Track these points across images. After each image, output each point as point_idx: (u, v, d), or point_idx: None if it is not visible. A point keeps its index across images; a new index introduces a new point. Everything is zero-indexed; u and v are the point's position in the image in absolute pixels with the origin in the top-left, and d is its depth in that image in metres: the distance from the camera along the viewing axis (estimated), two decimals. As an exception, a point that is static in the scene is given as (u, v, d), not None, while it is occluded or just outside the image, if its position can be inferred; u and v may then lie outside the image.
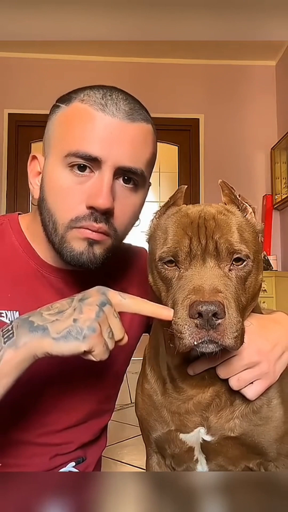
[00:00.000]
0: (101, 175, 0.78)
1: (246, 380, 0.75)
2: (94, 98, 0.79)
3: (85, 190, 0.79)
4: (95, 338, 0.65)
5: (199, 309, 0.61)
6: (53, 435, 0.92)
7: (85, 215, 0.79)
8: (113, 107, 0.78)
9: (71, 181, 0.79)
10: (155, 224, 0.79)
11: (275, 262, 4.41)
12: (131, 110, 0.80)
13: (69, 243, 0.80)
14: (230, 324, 0.63)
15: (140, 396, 0.87)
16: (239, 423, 0.77)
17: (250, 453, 0.79)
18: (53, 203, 0.81)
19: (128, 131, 0.79)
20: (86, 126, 0.78)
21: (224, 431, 0.77)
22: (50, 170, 0.82)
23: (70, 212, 0.79)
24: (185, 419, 0.79)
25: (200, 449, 0.80)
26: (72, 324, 0.65)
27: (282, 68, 4.68)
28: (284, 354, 0.78)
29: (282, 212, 4.59)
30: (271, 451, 0.78)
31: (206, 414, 0.78)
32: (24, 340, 0.65)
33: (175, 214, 0.75)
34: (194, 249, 0.68)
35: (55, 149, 0.81)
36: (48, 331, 0.65)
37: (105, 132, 0.77)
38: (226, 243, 0.68)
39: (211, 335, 0.62)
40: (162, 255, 0.71)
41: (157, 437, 0.83)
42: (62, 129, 0.81)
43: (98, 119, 0.78)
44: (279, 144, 4.53)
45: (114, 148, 0.77)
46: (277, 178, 4.55)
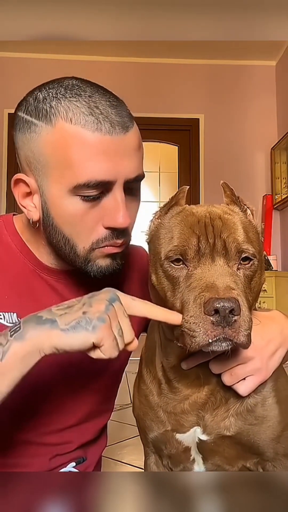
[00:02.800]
0: (113, 195, 0.77)
1: (239, 376, 0.75)
2: (82, 116, 0.73)
3: (99, 211, 0.77)
4: (105, 329, 0.63)
5: (215, 306, 0.61)
6: (53, 435, 0.92)
7: (106, 235, 0.78)
8: (108, 124, 0.74)
9: (83, 207, 0.76)
10: (157, 224, 0.79)
11: (275, 262, 4.42)
12: (122, 118, 0.76)
13: (95, 261, 0.81)
14: (243, 321, 0.63)
15: (137, 396, 0.88)
16: (234, 422, 0.77)
17: (247, 452, 0.79)
18: (68, 229, 0.79)
19: (126, 142, 0.76)
20: (87, 152, 0.73)
21: (220, 429, 0.77)
22: (55, 198, 0.77)
23: (89, 236, 0.78)
24: (181, 419, 0.79)
25: (197, 449, 0.81)
26: (81, 315, 0.64)
27: (282, 68, 4.68)
28: (277, 351, 0.79)
29: (282, 212, 4.59)
30: (268, 451, 0.78)
31: (202, 413, 0.78)
32: (31, 332, 0.64)
33: (180, 213, 0.75)
34: (202, 247, 0.68)
35: (55, 178, 0.76)
36: (56, 323, 0.64)
37: (109, 153, 0.74)
38: (235, 242, 0.69)
39: (226, 332, 0.62)
40: (169, 253, 0.70)
41: (154, 437, 0.84)
42: (58, 156, 0.75)
43: (97, 141, 0.73)
44: (279, 144, 4.53)
45: (120, 166, 0.75)
46: (277, 178, 4.55)
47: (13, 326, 0.66)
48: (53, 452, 0.93)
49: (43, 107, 0.76)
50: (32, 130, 0.77)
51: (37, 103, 0.77)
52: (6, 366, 0.64)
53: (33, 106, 0.77)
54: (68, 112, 0.74)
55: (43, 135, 0.76)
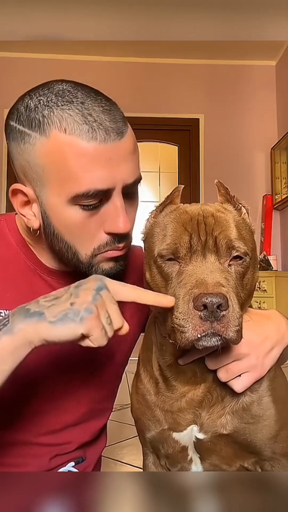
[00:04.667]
0: (113, 201, 0.77)
1: (234, 372, 0.75)
2: (77, 125, 0.73)
3: (99, 218, 0.78)
4: (93, 320, 0.63)
5: (204, 301, 0.62)
6: (52, 435, 0.92)
7: (108, 241, 0.79)
8: (102, 132, 0.73)
9: (84, 216, 0.77)
10: (151, 222, 0.80)
11: (275, 262, 4.41)
12: (116, 124, 0.75)
13: (98, 266, 0.81)
14: (232, 317, 0.64)
15: (135, 396, 0.88)
16: (231, 420, 0.77)
17: (244, 451, 0.79)
18: (70, 237, 0.79)
19: (122, 148, 0.76)
20: (83, 162, 0.73)
21: (216, 428, 0.78)
22: (54, 208, 0.77)
23: (91, 243, 0.79)
24: (178, 417, 0.80)
25: (194, 448, 0.81)
26: (69, 307, 0.64)
27: (282, 68, 4.68)
28: (273, 349, 0.79)
29: (282, 212, 4.59)
30: (265, 450, 0.79)
31: (199, 411, 0.79)
32: (20, 326, 0.64)
33: (174, 211, 0.76)
34: (194, 245, 0.69)
35: (53, 188, 0.76)
36: (44, 315, 0.64)
37: (106, 161, 0.74)
38: (226, 239, 0.70)
39: (215, 327, 0.63)
40: (162, 252, 0.71)
41: (151, 437, 0.84)
42: (55, 167, 0.74)
43: (93, 150, 0.73)
44: (279, 144, 4.53)
45: (118, 172, 0.76)
46: (277, 178, 4.55)
47: (1, 319, 0.66)
48: (53, 453, 0.93)
49: (35, 116, 0.75)
50: (26, 140, 0.76)
51: (29, 112, 0.75)
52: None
53: (25, 116, 0.76)
54: (62, 122, 0.73)
55: (38, 146, 0.75)
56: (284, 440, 0.79)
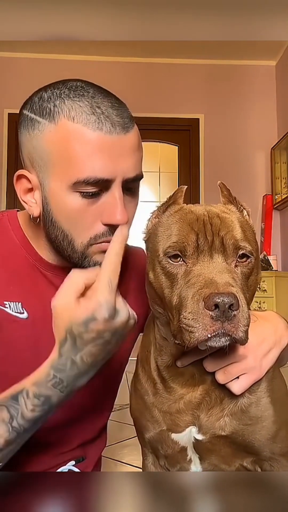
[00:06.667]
0: (112, 192, 0.78)
1: (232, 374, 0.75)
2: (84, 115, 0.76)
3: (98, 208, 0.79)
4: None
5: (216, 301, 0.61)
6: (52, 432, 0.92)
7: (104, 231, 0.80)
8: (108, 124, 0.76)
9: (82, 204, 0.78)
10: (154, 222, 0.79)
11: (275, 262, 4.41)
12: (123, 119, 0.78)
13: (91, 257, 0.82)
14: (242, 317, 0.64)
15: (133, 397, 0.88)
16: (229, 422, 0.77)
17: (243, 451, 0.79)
18: (67, 224, 0.81)
19: (126, 143, 0.78)
20: (87, 149, 0.76)
21: (215, 429, 0.77)
22: (55, 194, 0.79)
23: (87, 232, 0.80)
24: (176, 418, 0.79)
25: (193, 449, 0.81)
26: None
27: (282, 68, 4.68)
28: (271, 351, 0.79)
29: (282, 212, 4.59)
30: (264, 451, 0.79)
31: (197, 412, 0.78)
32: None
33: (178, 211, 0.76)
34: (201, 244, 0.69)
35: (56, 174, 0.79)
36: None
37: (109, 152, 0.76)
38: (232, 239, 0.70)
39: (225, 327, 0.63)
40: (167, 250, 0.71)
41: (150, 437, 0.84)
42: (59, 152, 0.77)
43: (98, 140, 0.76)
44: (279, 144, 4.53)
45: (119, 165, 0.77)
46: (277, 178, 4.55)
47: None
48: (54, 450, 0.93)
49: (47, 105, 0.78)
50: (35, 127, 0.79)
51: (42, 102, 0.79)
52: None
53: (37, 105, 0.79)
54: (71, 111, 0.76)
55: (46, 133, 0.78)
56: (282, 440, 0.79)
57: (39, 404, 0.68)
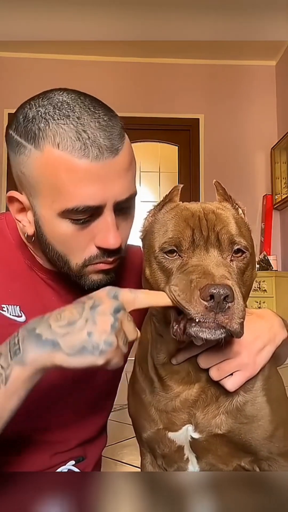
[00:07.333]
0: (104, 217, 0.77)
1: (226, 370, 0.75)
2: (70, 142, 0.72)
3: (90, 232, 0.78)
4: (112, 352, 0.62)
5: (211, 291, 0.62)
6: (51, 431, 0.92)
7: (98, 254, 0.79)
8: (95, 150, 0.73)
9: (74, 229, 0.77)
10: (151, 220, 0.80)
11: (275, 262, 4.41)
12: (111, 141, 0.74)
13: (87, 277, 0.81)
14: (237, 309, 0.64)
15: (131, 396, 0.88)
16: (225, 420, 0.77)
17: (240, 451, 0.79)
18: (61, 247, 0.80)
19: (115, 166, 0.75)
20: (74, 178, 0.73)
21: (211, 427, 0.78)
22: (46, 219, 0.78)
23: (82, 254, 0.79)
24: (172, 417, 0.80)
25: (190, 448, 0.81)
26: (86, 338, 0.62)
27: (282, 68, 4.68)
28: (265, 348, 0.79)
29: (282, 212, 4.59)
30: (261, 450, 0.78)
31: (193, 411, 0.78)
32: (32, 356, 0.63)
33: (174, 208, 0.77)
34: (197, 239, 0.70)
35: (45, 201, 0.77)
36: (59, 346, 0.62)
37: (97, 179, 0.74)
38: (227, 234, 0.70)
39: (219, 318, 0.63)
40: (164, 245, 0.72)
41: (147, 436, 0.84)
42: (47, 181, 0.75)
43: (85, 167, 0.73)
44: (279, 144, 4.53)
45: (110, 189, 0.75)
46: (277, 178, 4.55)
47: (12, 346, 0.64)
48: (53, 450, 0.93)
49: (32, 128, 0.75)
50: (21, 152, 0.77)
51: (27, 122, 0.76)
52: (11, 390, 0.63)
53: (22, 127, 0.77)
54: (56, 137, 0.73)
55: (32, 158, 0.76)
56: (280, 440, 0.79)
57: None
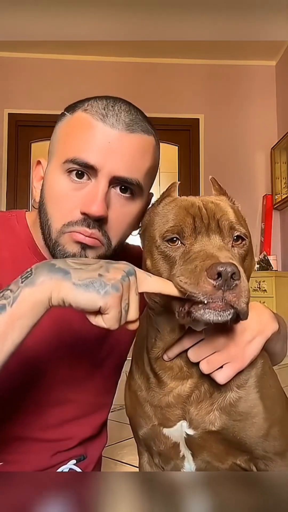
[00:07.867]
0: (96, 183, 0.79)
1: (215, 363, 0.76)
2: (96, 108, 0.81)
3: (80, 196, 0.80)
4: (115, 298, 0.62)
5: (218, 269, 0.62)
6: (52, 429, 0.93)
7: (78, 220, 0.80)
8: (113, 118, 0.80)
9: (68, 187, 0.81)
10: (150, 215, 0.81)
11: (275, 262, 4.41)
12: (131, 121, 0.81)
13: (63, 247, 0.82)
14: (244, 288, 0.64)
15: (128, 393, 0.89)
16: (219, 416, 0.77)
17: (235, 449, 0.79)
18: (50, 207, 0.83)
19: (126, 141, 0.80)
20: (85, 134, 0.80)
21: (205, 424, 0.78)
22: (50, 175, 0.84)
23: (64, 217, 0.81)
24: (166, 412, 0.80)
25: (185, 445, 0.81)
26: (96, 277, 0.62)
27: (282, 68, 4.69)
28: (255, 339, 0.79)
29: (282, 212, 4.59)
30: (256, 449, 0.78)
31: (187, 406, 0.79)
32: (43, 279, 0.63)
33: (173, 201, 0.78)
34: (198, 226, 0.71)
35: (56, 156, 0.84)
36: (70, 275, 0.62)
37: (103, 142, 0.79)
38: (228, 221, 0.72)
39: (228, 296, 0.63)
40: (165, 234, 0.72)
41: (143, 434, 0.84)
42: (64, 137, 0.84)
43: (97, 128, 0.80)
44: (279, 144, 4.53)
45: (110, 158, 0.79)
46: (277, 178, 4.55)
47: (25, 273, 0.65)
48: (53, 449, 0.93)
49: (77, 104, 0.86)
50: (60, 119, 0.87)
51: (76, 102, 0.86)
52: (17, 313, 0.62)
53: (71, 105, 0.87)
54: (88, 105, 0.83)
55: (63, 121, 0.86)
56: (275, 439, 0.79)
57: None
